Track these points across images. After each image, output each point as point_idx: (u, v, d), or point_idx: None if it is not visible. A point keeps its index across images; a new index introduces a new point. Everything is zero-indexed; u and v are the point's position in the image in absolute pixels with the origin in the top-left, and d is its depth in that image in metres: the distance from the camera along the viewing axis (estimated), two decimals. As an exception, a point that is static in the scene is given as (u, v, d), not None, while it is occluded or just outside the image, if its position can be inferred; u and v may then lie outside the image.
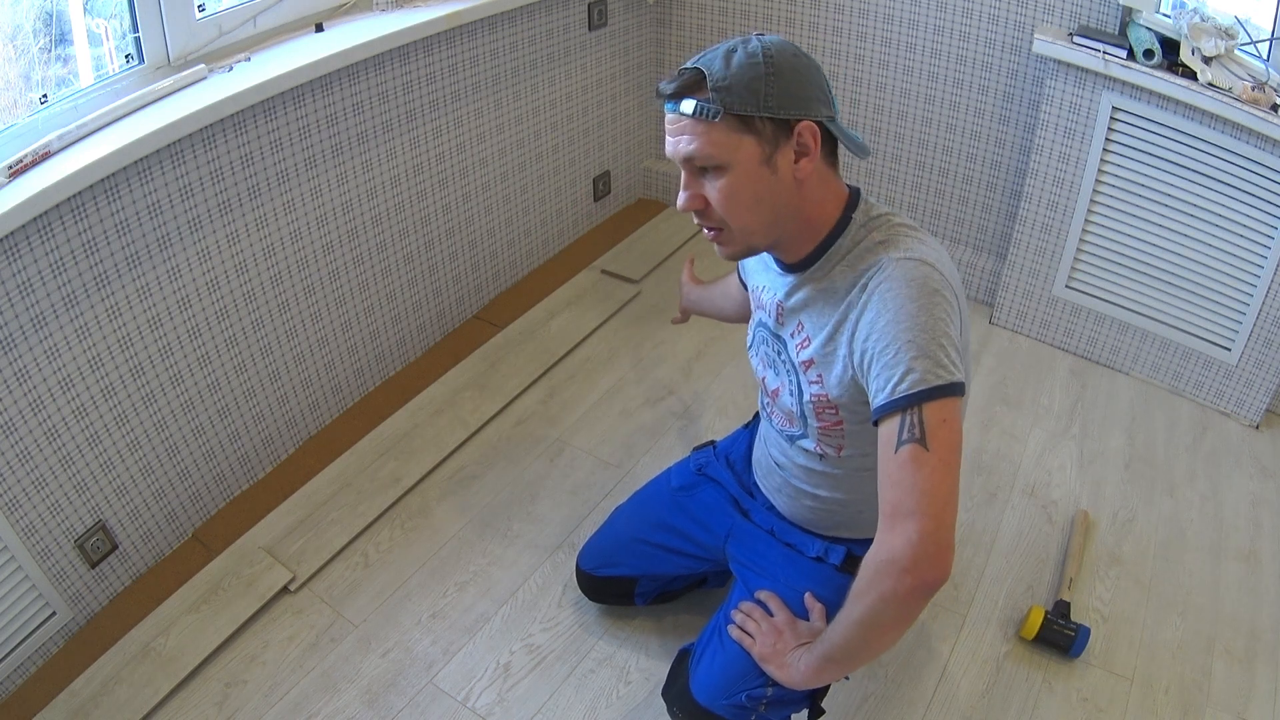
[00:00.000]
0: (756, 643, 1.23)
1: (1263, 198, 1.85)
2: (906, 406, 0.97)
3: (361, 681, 1.53)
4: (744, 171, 1.03)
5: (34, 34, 1.47)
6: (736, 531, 1.43)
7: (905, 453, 0.96)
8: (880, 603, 1.00)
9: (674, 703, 1.33)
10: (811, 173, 1.05)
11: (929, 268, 1.02)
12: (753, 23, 2.48)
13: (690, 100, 1.01)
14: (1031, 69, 2.14)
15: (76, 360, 1.48)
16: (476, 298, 2.40)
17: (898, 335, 0.98)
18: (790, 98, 1.01)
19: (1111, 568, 1.74)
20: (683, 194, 1.08)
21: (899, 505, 0.97)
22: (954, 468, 0.97)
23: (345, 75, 1.78)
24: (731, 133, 1.01)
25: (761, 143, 1.02)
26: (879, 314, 1.01)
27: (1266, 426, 2.09)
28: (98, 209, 1.43)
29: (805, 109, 1.02)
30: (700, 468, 1.54)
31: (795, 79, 1.02)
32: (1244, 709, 1.50)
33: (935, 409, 0.96)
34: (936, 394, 0.96)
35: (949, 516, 0.96)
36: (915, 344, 0.97)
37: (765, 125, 1.01)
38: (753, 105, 1.00)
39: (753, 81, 1.00)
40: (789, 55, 1.03)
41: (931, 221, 2.51)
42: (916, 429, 0.96)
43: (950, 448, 0.96)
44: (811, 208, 1.09)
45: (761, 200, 1.05)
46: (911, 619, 1.02)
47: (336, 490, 1.88)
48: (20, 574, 1.48)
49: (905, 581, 0.96)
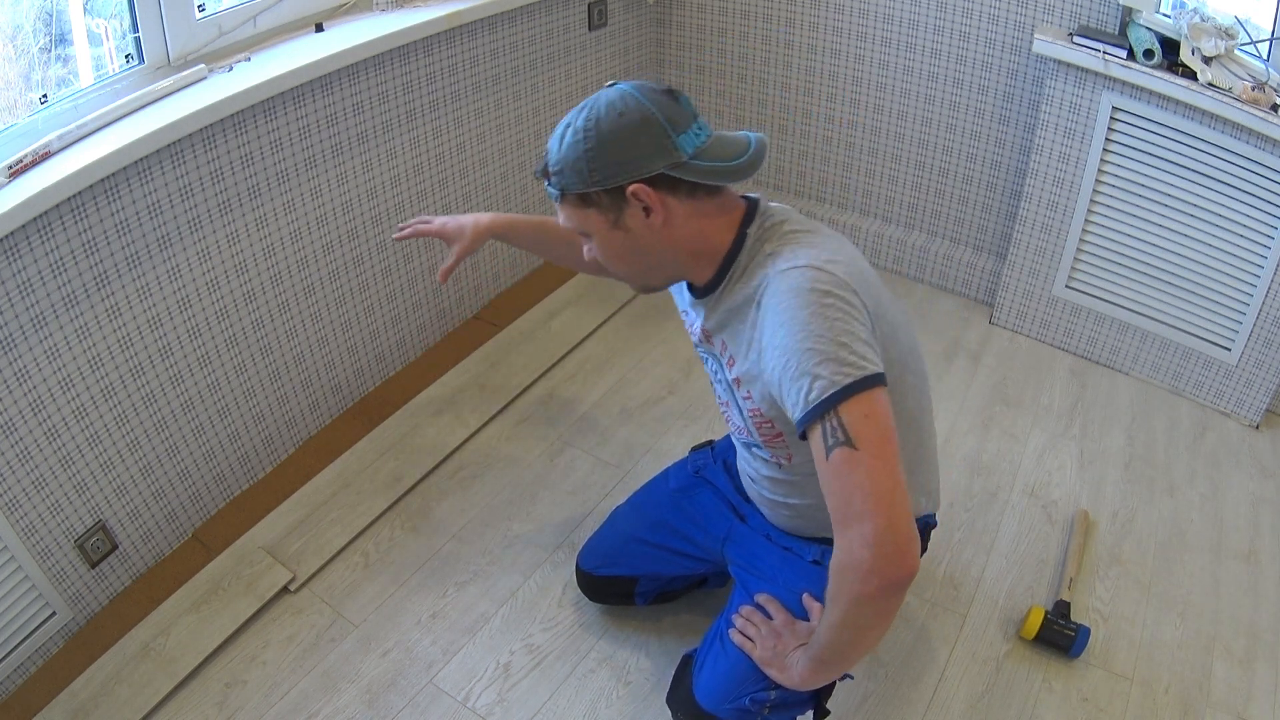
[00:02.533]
0: (757, 646, 1.23)
1: (1263, 198, 1.85)
2: (823, 413, 0.97)
3: (361, 681, 1.53)
4: (601, 237, 1.12)
5: (34, 34, 1.47)
6: (734, 535, 1.44)
7: (836, 458, 0.96)
8: (853, 606, 1.00)
9: (678, 708, 1.33)
10: (675, 216, 1.09)
11: (815, 272, 1.02)
12: (752, 23, 2.48)
13: (546, 184, 1.12)
14: (1031, 69, 2.14)
15: (76, 360, 1.48)
16: (476, 298, 2.40)
17: (795, 347, 0.99)
18: (614, 166, 1.05)
19: (1111, 568, 1.74)
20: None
21: (845, 511, 0.97)
22: (889, 458, 0.96)
23: (345, 75, 1.78)
24: (575, 208, 1.11)
25: (602, 211, 1.09)
26: (774, 331, 1.03)
27: (1266, 426, 2.09)
28: (98, 209, 1.43)
29: (634, 171, 1.05)
30: (698, 470, 1.54)
31: (617, 147, 1.05)
32: (1244, 709, 1.50)
33: (852, 407, 0.96)
34: (849, 392, 0.96)
35: (899, 509, 0.95)
36: (814, 351, 0.98)
37: (600, 197, 1.08)
38: (582, 183, 1.07)
39: (576, 162, 1.06)
40: (614, 120, 1.05)
41: (931, 221, 2.51)
42: (839, 432, 0.96)
43: (879, 439, 0.96)
44: (694, 242, 1.12)
45: (630, 254, 1.13)
46: (890, 613, 1.01)
47: (336, 490, 1.88)
48: (20, 574, 1.48)
49: (872, 583, 0.96)
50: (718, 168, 1.08)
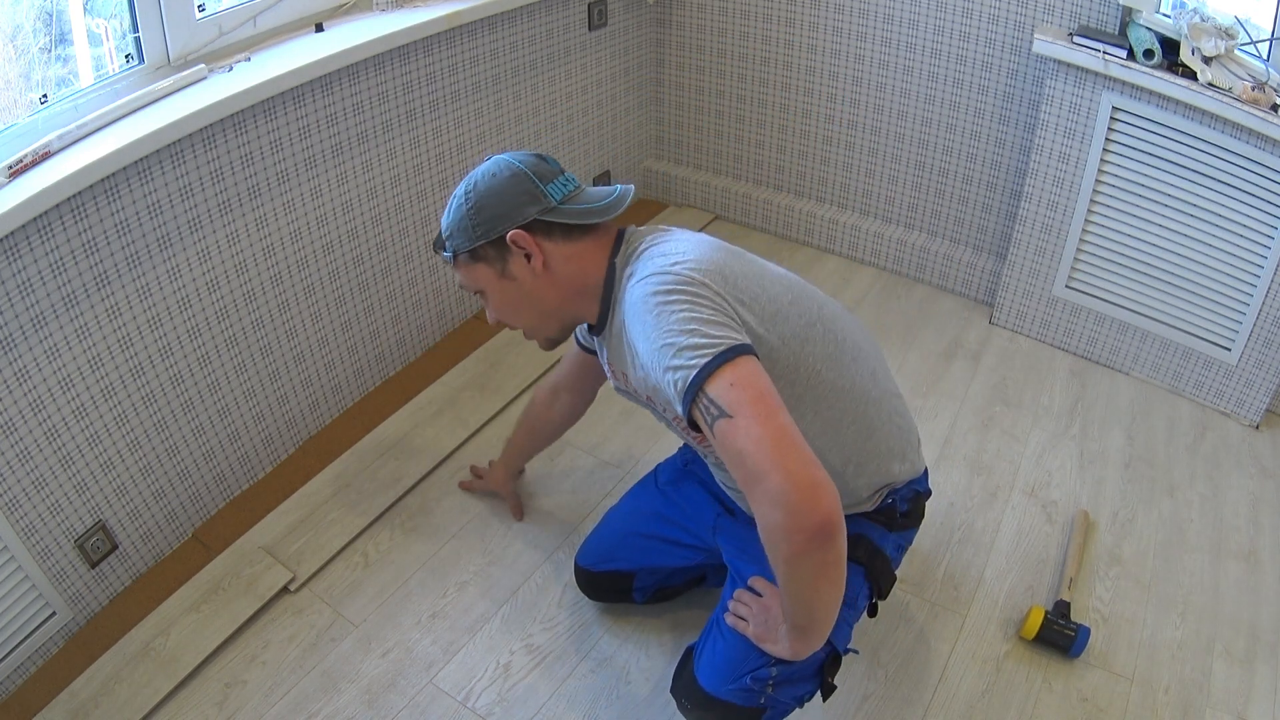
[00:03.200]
0: (750, 624, 1.25)
1: (1263, 198, 1.85)
2: (694, 399, 1.01)
3: (361, 681, 1.53)
4: (493, 289, 1.25)
5: (34, 34, 1.47)
6: (722, 525, 1.46)
7: (719, 431, 0.99)
8: (790, 566, 1.01)
9: (682, 695, 1.33)
10: (553, 259, 1.21)
11: (654, 278, 1.09)
12: (752, 23, 2.48)
13: (442, 255, 1.28)
14: (1031, 69, 2.14)
15: (76, 360, 1.48)
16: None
17: (652, 350, 1.05)
18: (493, 219, 1.19)
19: (1111, 568, 1.74)
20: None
21: (745, 477, 0.98)
22: (767, 415, 0.97)
23: (345, 75, 1.78)
24: (468, 266, 1.25)
25: (490, 263, 1.23)
26: (635, 343, 1.11)
27: (1266, 426, 2.09)
28: (98, 209, 1.43)
29: (510, 221, 1.19)
30: (686, 464, 1.57)
31: (493, 201, 1.20)
32: (1244, 709, 1.50)
33: (716, 382, 0.99)
34: (706, 371, 1.00)
35: (792, 459, 0.95)
36: (667, 347, 1.03)
37: (486, 250, 1.22)
38: (468, 241, 1.22)
39: (460, 222, 1.22)
40: (488, 181, 1.21)
41: (931, 221, 2.51)
42: (712, 407, 0.99)
43: (752, 400, 0.98)
44: (574, 281, 1.23)
45: (521, 304, 1.25)
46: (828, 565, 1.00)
47: (336, 490, 1.88)
48: (20, 574, 1.48)
49: (795, 540, 0.96)
50: (583, 209, 1.21)
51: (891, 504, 1.32)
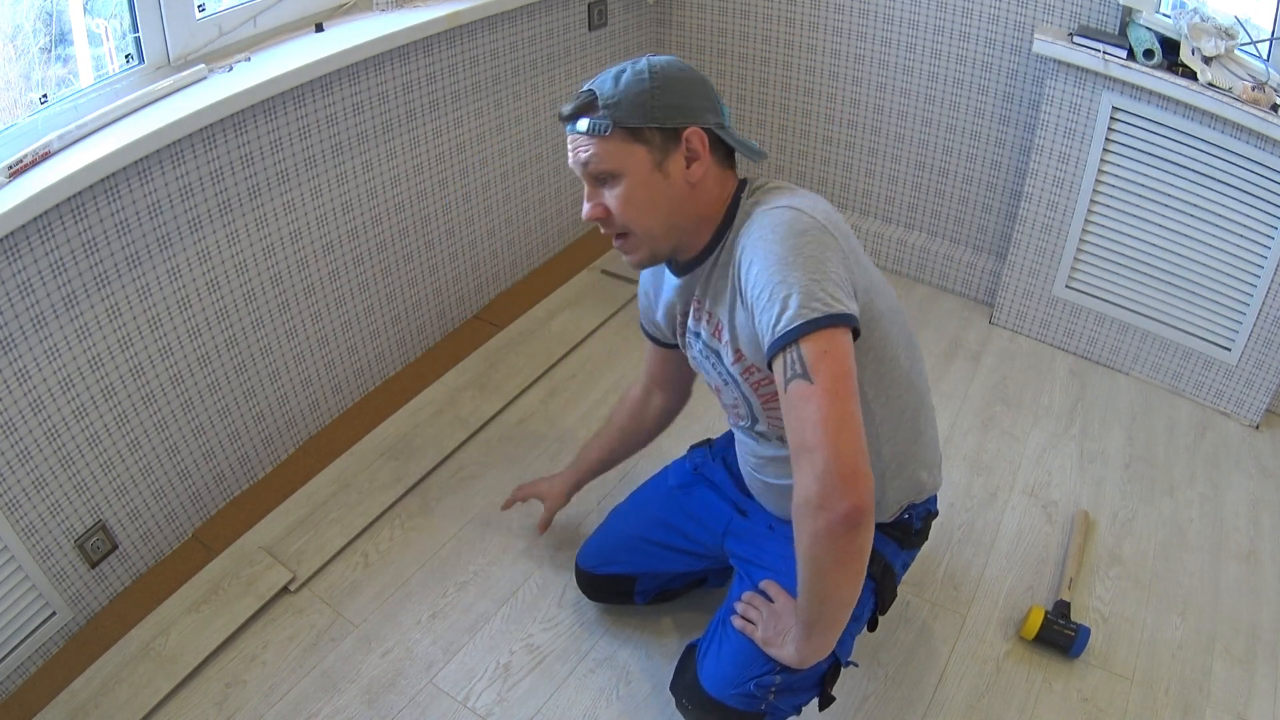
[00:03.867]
0: (758, 628, 1.24)
1: (1263, 198, 1.85)
2: (786, 344, 1.00)
3: (361, 681, 1.53)
4: (638, 178, 1.12)
5: (34, 34, 1.47)
6: (734, 529, 1.45)
7: (792, 390, 0.99)
8: (812, 546, 1.01)
9: (683, 695, 1.33)
10: (707, 174, 1.14)
11: (795, 212, 1.07)
12: (752, 23, 2.48)
13: (585, 119, 1.12)
14: (1031, 69, 2.14)
15: (76, 360, 1.48)
16: (476, 298, 2.40)
17: (770, 279, 1.03)
18: (675, 109, 1.11)
19: (1111, 568, 1.74)
20: (585, 204, 1.16)
21: (799, 444, 0.99)
22: (842, 395, 0.98)
23: (345, 75, 1.78)
24: (623, 144, 1.11)
25: (651, 150, 1.11)
26: (751, 264, 1.07)
27: (1266, 426, 2.09)
28: (98, 209, 1.43)
29: (691, 118, 1.12)
30: (697, 467, 1.55)
31: (679, 92, 1.11)
32: (1244, 709, 1.50)
33: (814, 342, 0.99)
34: (811, 327, 0.99)
35: (845, 443, 0.97)
36: (786, 283, 1.01)
37: (654, 135, 1.11)
38: (640, 118, 1.10)
39: (638, 96, 1.10)
40: (674, 71, 1.12)
41: (931, 221, 2.51)
42: (797, 364, 0.99)
43: (835, 376, 0.98)
44: (706, 206, 1.16)
45: (657, 203, 1.13)
46: (849, 558, 1.01)
47: (336, 490, 1.88)
48: (20, 574, 1.48)
49: (822, 518, 0.97)
50: (744, 141, 1.18)
51: (908, 519, 1.33)
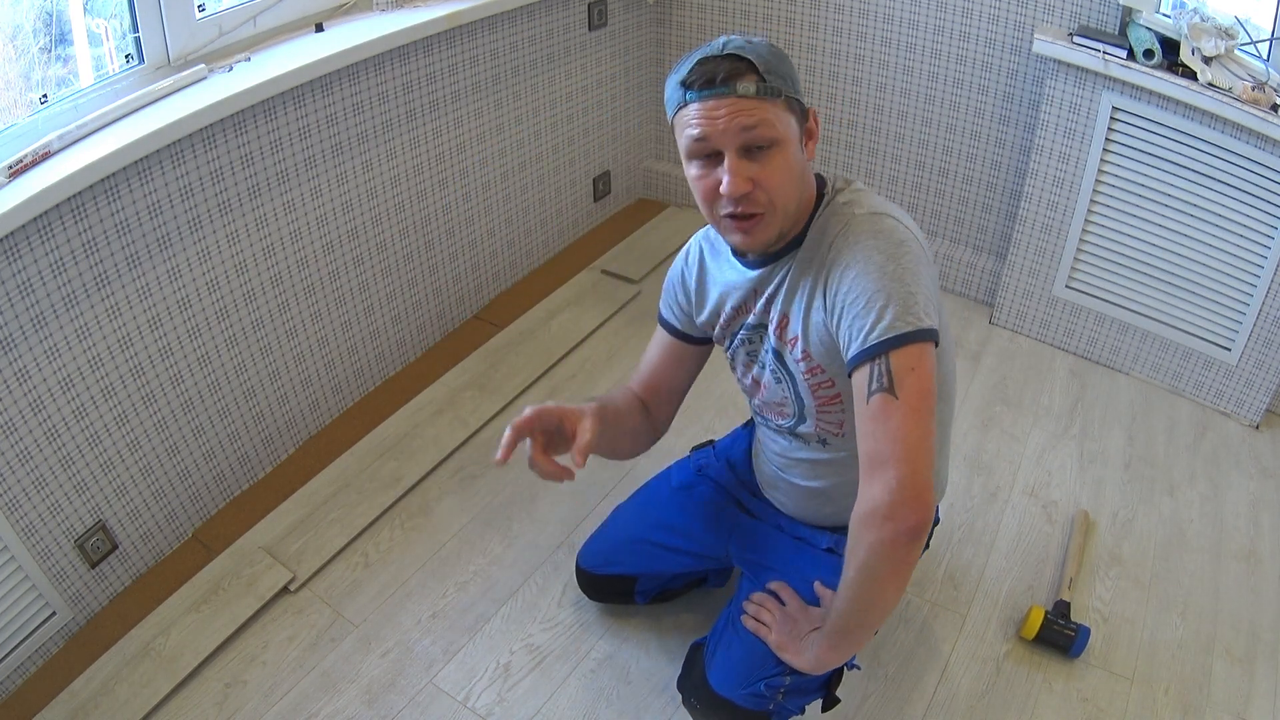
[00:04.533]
0: (772, 631, 1.24)
1: (1263, 198, 1.85)
2: (875, 355, 1.00)
3: (361, 681, 1.53)
4: (788, 148, 1.05)
5: (34, 34, 1.47)
6: (740, 530, 1.44)
7: (875, 402, 0.99)
8: (870, 555, 1.01)
9: (691, 694, 1.33)
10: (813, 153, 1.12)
11: (894, 221, 1.06)
12: (752, 23, 2.48)
13: (749, 83, 1.01)
14: (1031, 69, 2.14)
15: (76, 360, 1.48)
16: (476, 298, 2.40)
17: (866, 285, 1.02)
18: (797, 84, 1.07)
19: (1111, 568, 1.74)
20: (729, 177, 1.02)
21: (874, 455, 1.00)
22: (924, 414, 0.99)
23: (345, 75, 1.78)
24: (785, 111, 1.04)
25: (800, 122, 1.08)
26: (847, 267, 1.04)
27: (1266, 426, 2.09)
28: (98, 209, 1.43)
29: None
30: (700, 468, 1.54)
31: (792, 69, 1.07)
32: (1244, 709, 1.50)
33: (903, 356, 0.99)
34: (904, 341, 0.99)
35: (922, 461, 0.98)
36: (884, 292, 1.01)
37: (796, 106, 1.06)
38: (792, 88, 1.05)
39: (785, 64, 1.05)
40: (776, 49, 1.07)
41: (931, 221, 2.51)
42: (885, 377, 0.99)
43: (919, 394, 0.99)
44: (809, 189, 1.13)
45: (800, 178, 1.08)
46: (904, 568, 1.03)
47: (336, 490, 1.88)
48: (20, 574, 1.48)
49: (888, 528, 0.98)
50: None
51: None
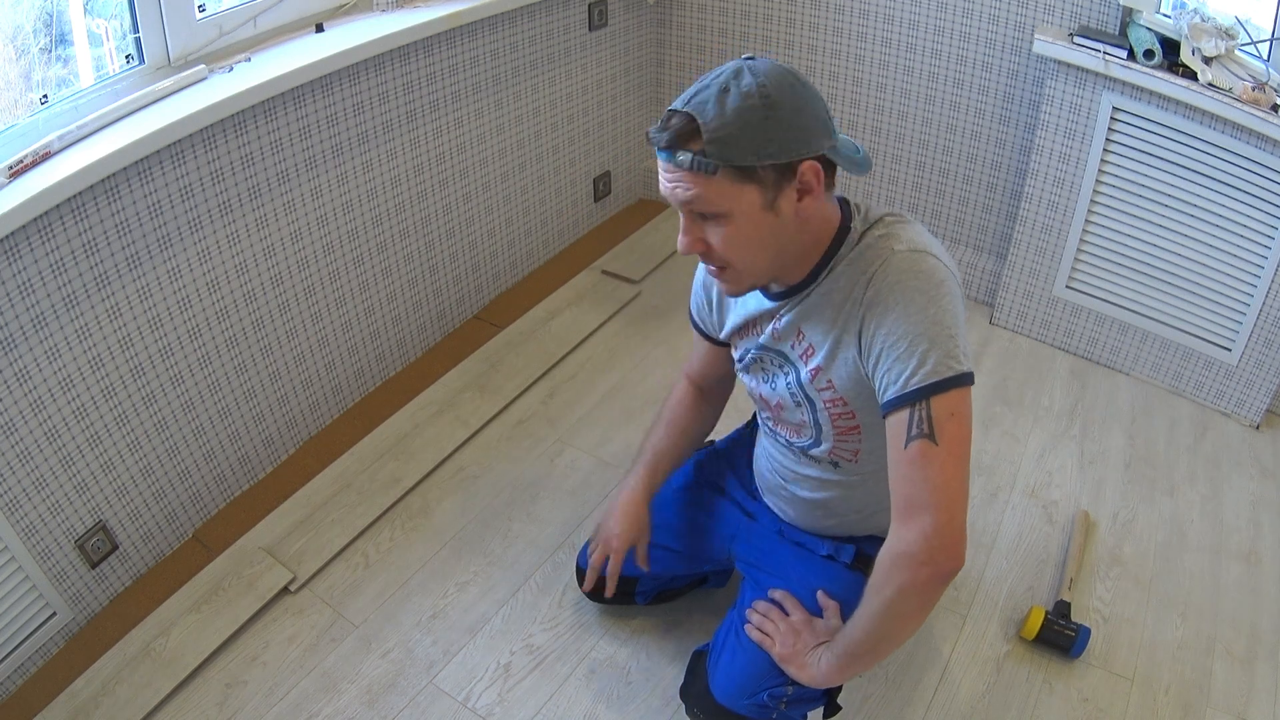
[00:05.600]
0: (776, 643, 1.23)
1: (1263, 198, 1.85)
2: (915, 400, 0.98)
3: (362, 682, 1.53)
4: (746, 219, 0.98)
5: (34, 34, 1.47)
6: (742, 533, 1.44)
7: (915, 448, 0.98)
8: (899, 595, 1.02)
9: (694, 704, 1.32)
10: (817, 203, 1.02)
11: (934, 259, 1.02)
12: (752, 23, 2.48)
13: (685, 153, 0.95)
14: (1032, 69, 2.14)
15: (77, 360, 1.48)
16: (477, 298, 2.40)
17: (908, 329, 0.98)
18: (791, 140, 0.95)
19: (1112, 568, 1.74)
20: (682, 238, 1.03)
21: (911, 500, 0.99)
22: (963, 460, 0.99)
23: (345, 76, 1.78)
24: (731, 184, 0.96)
25: (763, 190, 0.97)
26: (888, 308, 1.00)
27: (1266, 426, 2.09)
28: (98, 209, 1.43)
29: (806, 147, 0.97)
30: (701, 469, 1.54)
31: (795, 117, 0.95)
32: (1244, 709, 1.50)
33: (943, 402, 0.97)
34: (945, 386, 0.97)
35: (960, 508, 0.98)
36: (926, 336, 0.98)
37: (767, 172, 0.96)
38: (752, 155, 0.94)
39: (749, 128, 0.93)
40: (787, 89, 0.95)
41: (932, 221, 2.50)
42: (925, 424, 0.97)
43: (958, 440, 0.98)
44: (812, 236, 1.06)
45: (765, 242, 1.02)
46: (930, 607, 1.04)
47: (337, 490, 1.88)
48: (20, 574, 1.48)
49: (923, 573, 0.98)
50: (850, 156, 1.03)
51: None
